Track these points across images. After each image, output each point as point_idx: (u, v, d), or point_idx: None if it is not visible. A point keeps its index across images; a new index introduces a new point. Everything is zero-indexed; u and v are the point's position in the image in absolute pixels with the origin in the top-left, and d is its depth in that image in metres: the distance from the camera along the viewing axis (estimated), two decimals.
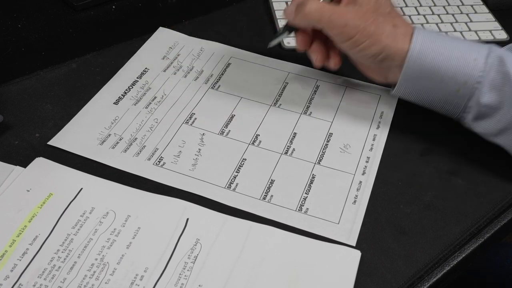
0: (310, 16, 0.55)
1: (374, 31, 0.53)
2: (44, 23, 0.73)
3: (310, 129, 0.60)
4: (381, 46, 0.54)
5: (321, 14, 0.54)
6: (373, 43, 0.54)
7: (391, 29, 0.54)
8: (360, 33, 0.54)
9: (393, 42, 0.53)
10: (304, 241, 0.49)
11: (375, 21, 0.54)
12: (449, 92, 0.54)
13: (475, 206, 0.53)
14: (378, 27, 0.53)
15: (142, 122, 0.59)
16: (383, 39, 0.53)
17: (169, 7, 0.78)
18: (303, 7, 0.55)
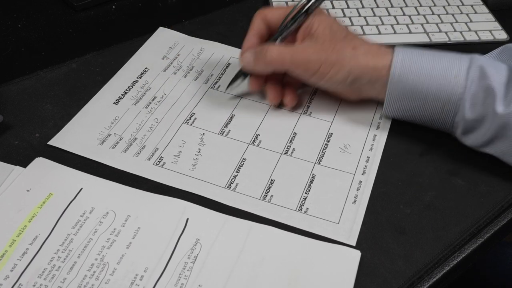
0: (272, 63, 0.56)
1: (337, 58, 0.55)
2: (44, 23, 0.73)
3: (310, 129, 0.60)
4: (346, 70, 0.55)
5: (283, 58, 0.56)
6: (338, 70, 0.55)
7: (351, 52, 0.55)
8: (324, 64, 0.55)
9: (356, 63, 0.55)
10: (304, 241, 0.49)
11: (334, 49, 0.55)
12: (434, 110, 0.55)
13: (475, 206, 0.53)
14: (339, 54, 0.55)
15: (142, 122, 0.59)
16: (346, 63, 0.55)
17: (169, 7, 0.78)
18: (263, 55, 0.56)
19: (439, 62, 0.54)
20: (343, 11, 0.76)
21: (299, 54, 0.55)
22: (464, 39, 0.73)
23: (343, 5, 0.77)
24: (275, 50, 0.56)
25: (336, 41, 0.55)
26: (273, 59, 0.56)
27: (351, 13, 0.76)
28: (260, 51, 0.56)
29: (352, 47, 0.55)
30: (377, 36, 0.72)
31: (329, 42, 0.55)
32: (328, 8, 0.76)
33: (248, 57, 0.58)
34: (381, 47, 0.56)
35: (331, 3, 0.77)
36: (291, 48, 0.56)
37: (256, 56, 0.57)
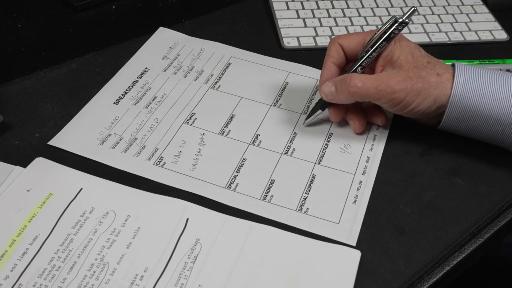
0: (356, 94, 0.54)
1: (422, 87, 0.52)
2: (44, 23, 0.73)
3: (310, 129, 0.60)
4: (431, 99, 0.53)
5: (367, 90, 0.53)
6: (423, 99, 0.53)
7: (436, 79, 0.53)
8: (409, 94, 0.53)
9: (442, 91, 0.53)
10: (304, 241, 0.49)
11: (419, 78, 0.53)
12: (494, 131, 0.53)
13: (475, 206, 0.53)
14: (424, 82, 0.53)
15: (142, 122, 0.59)
16: (432, 91, 0.53)
17: (169, 7, 0.78)
18: (346, 85, 0.54)
19: (502, 83, 0.52)
20: (343, 11, 0.76)
21: (384, 85, 0.53)
22: (464, 39, 0.73)
23: (343, 5, 0.77)
24: (359, 81, 0.53)
25: (420, 68, 0.53)
26: (357, 90, 0.53)
27: (351, 13, 0.76)
28: (342, 82, 0.54)
29: (437, 74, 0.53)
30: None
31: (413, 70, 0.53)
32: (328, 9, 0.76)
33: (329, 88, 0.55)
34: None
35: (331, 3, 0.77)
36: (375, 78, 0.53)
37: (338, 87, 0.55)
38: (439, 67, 0.54)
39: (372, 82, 0.53)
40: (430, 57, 0.55)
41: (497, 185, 0.55)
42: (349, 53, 0.57)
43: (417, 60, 0.54)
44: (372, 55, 0.55)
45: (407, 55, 0.54)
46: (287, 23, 0.73)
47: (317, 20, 0.74)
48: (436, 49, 0.72)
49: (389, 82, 0.53)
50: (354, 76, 0.54)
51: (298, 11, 0.75)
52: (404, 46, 0.55)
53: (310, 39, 0.71)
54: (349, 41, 0.57)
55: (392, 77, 0.53)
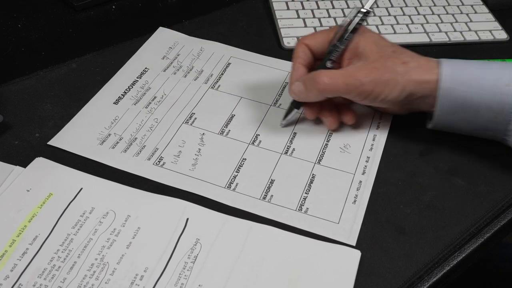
0: (325, 91, 0.54)
1: (389, 77, 0.53)
2: (44, 23, 0.73)
3: (310, 129, 0.60)
4: (400, 88, 0.53)
5: (336, 85, 0.53)
6: (392, 89, 0.53)
7: (403, 67, 0.53)
8: (377, 85, 0.53)
9: (409, 79, 0.53)
10: (304, 241, 0.49)
11: (386, 68, 0.53)
12: (487, 120, 0.53)
13: (475, 206, 0.53)
14: (391, 72, 0.53)
15: (142, 122, 0.59)
16: (400, 80, 0.53)
17: (169, 7, 0.78)
18: (315, 84, 0.54)
19: (488, 71, 0.52)
20: (343, 11, 0.76)
21: (351, 78, 0.53)
22: (464, 39, 0.73)
23: (343, 5, 0.77)
24: (326, 78, 0.53)
25: (385, 58, 0.53)
26: (326, 86, 0.53)
27: (351, 13, 0.75)
28: (310, 79, 0.54)
29: (403, 62, 0.53)
30: None
31: (378, 60, 0.53)
32: (328, 9, 0.76)
33: (298, 87, 0.55)
34: (430, 60, 0.54)
35: (331, 3, 0.77)
36: (342, 73, 0.54)
37: (307, 85, 0.55)
38: (404, 55, 0.54)
39: (340, 77, 0.53)
40: (395, 46, 0.55)
41: (497, 185, 0.55)
42: (316, 52, 0.57)
43: (382, 50, 0.54)
44: (339, 48, 0.55)
45: (371, 46, 0.54)
46: (287, 23, 0.73)
47: (317, 20, 0.74)
48: (436, 49, 0.72)
49: (357, 76, 0.53)
50: (321, 73, 0.54)
51: (298, 11, 0.75)
52: (368, 37, 0.55)
53: None
54: (315, 40, 0.57)
55: (359, 70, 0.53)
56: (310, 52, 0.57)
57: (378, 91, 0.53)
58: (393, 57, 0.54)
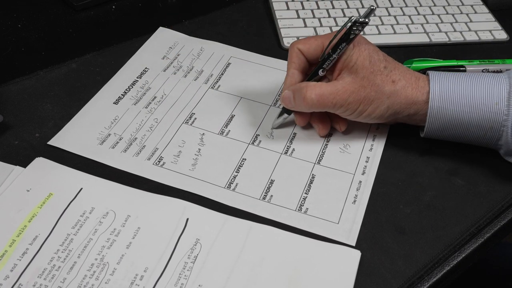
0: (311, 105, 0.54)
1: (375, 96, 0.53)
2: (44, 23, 0.73)
3: (310, 129, 0.60)
4: (384, 107, 0.54)
5: (323, 101, 0.53)
6: (377, 107, 0.54)
7: (391, 87, 0.53)
8: (363, 103, 0.54)
9: (395, 100, 0.53)
10: (304, 241, 0.49)
11: (373, 86, 0.53)
12: (477, 137, 0.54)
13: (475, 206, 0.53)
14: (377, 91, 0.53)
15: (142, 122, 0.59)
16: (385, 100, 0.53)
17: (169, 7, 0.78)
18: (302, 96, 0.54)
19: (478, 88, 0.52)
20: (343, 11, 0.76)
21: (339, 98, 0.53)
22: (464, 39, 0.73)
23: (343, 5, 0.77)
24: (314, 94, 0.53)
25: (375, 74, 0.53)
26: (313, 102, 0.54)
27: (351, 13, 0.76)
28: (299, 92, 0.54)
29: (392, 81, 0.53)
30: (377, 36, 0.72)
31: (368, 77, 0.53)
32: (328, 9, 0.76)
33: (287, 97, 0.55)
34: (419, 77, 0.55)
35: (331, 3, 0.77)
36: (330, 91, 0.53)
37: (295, 97, 0.55)
38: (395, 73, 0.54)
39: (327, 95, 0.53)
40: (388, 61, 0.55)
41: (497, 185, 0.55)
42: (310, 57, 0.57)
43: (374, 65, 0.54)
44: (332, 57, 0.54)
45: (364, 60, 0.54)
46: (287, 23, 0.73)
47: (317, 20, 0.74)
48: (436, 49, 0.72)
49: (344, 95, 0.53)
50: (310, 89, 0.54)
51: (298, 11, 0.75)
52: (363, 50, 0.54)
53: None
54: (308, 46, 0.56)
55: (347, 87, 0.53)
56: (303, 56, 0.57)
57: (363, 109, 0.54)
58: (383, 74, 0.54)
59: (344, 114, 0.55)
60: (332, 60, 0.54)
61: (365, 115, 0.55)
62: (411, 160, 0.57)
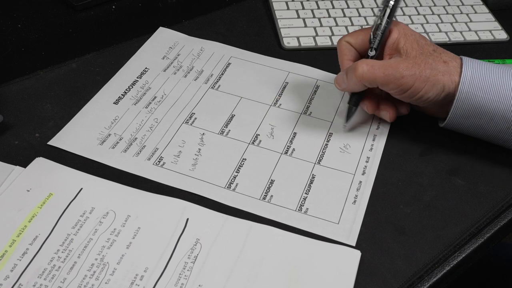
0: (364, 79, 0.54)
1: (430, 73, 0.52)
2: (44, 23, 0.73)
3: (310, 129, 0.60)
4: (440, 85, 0.53)
5: (374, 73, 0.53)
6: (432, 86, 0.53)
7: (444, 66, 0.53)
8: (418, 80, 0.52)
9: (449, 78, 0.53)
10: (304, 241, 0.49)
11: (427, 64, 0.53)
12: (499, 130, 0.53)
13: (475, 206, 0.53)
14: (432, 69, 0.53)
15: (142, 122, 0.59)
16: (440, 78, 0.52)
17: (169, 7, 0.78)
18: (354, 71, 0.54)
19: (507, 82, 0.52)
20: (343, 11, 0.76)
21: (392, 69, 0.53)
22: (464, 39, 0.73)
23: (343, 5, 0.77)
24: (365, 67, 0.53)
25: (426, 56, 0.53)
26: (364, 74, 0.53)
27: (351, 13, 0.76)
28: (351, 68, 0.54)
29: (444, 61, 0.53)
30: None
31: (419, 56, 0.53)
32: (328, 9, 0.76)
33: (340, 76, 0.56)
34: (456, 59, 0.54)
35: (331, 3, 0.77)
36: (382, 64, 0.53)
37: (347, 74, 0.55)
38: (445, 55, 0.54)
39: (380, 67, 0.53)
40: (435, 45, 0.55)
41: (497, 185, 0.55)
42: (358, 49, 0.58)
43: (423, 48, 0.54)
44: (378, 35, 0.55)
45: (412, 43, 0.54)
46: (287, 23, 0.73)
47: (317, 20, 0.74)
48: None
49: (397, 67, 0.53)
50: (361, 61, 0.54)
51: (298, 11, 0.75)
52: (409, 35, 0.55)
53: (310, 39, 0.71)
54: (355, 37, 0.57)
55: (400, 62, 0.53)
56: (353, 48, 0.58)
57: (418, 87, 0.53)
58: (433, 55, 0.54)
59: (397, 91, 0.54)
60: (378, 38, 0.55)
61: (420, 94, 0.53)
62: (411, 160, 0.57)
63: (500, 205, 0.53)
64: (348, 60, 0.57)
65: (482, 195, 0.54)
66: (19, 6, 0.76)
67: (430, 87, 0.53)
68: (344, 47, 0.58)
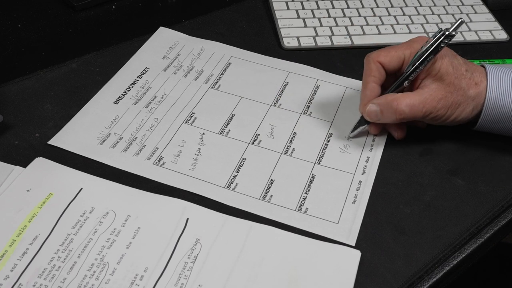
0: (404, 117, 0.54)
1: (462, 99, 0.54)
2: (44, 23, 0.73)
3: (310, 129, 0.60)
4: (470, 109, 0.55)
5: (414, 111, 0.54)
6: (463, 110, 0.54)
7: (475, 90, 0.54)
8: (451, 108, 0.54)
9: (480, 100, 0.54)
10: (304, 241, 0.49)
11: (460, 90, 0.54)
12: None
13: (475, 206, 0.53)
14: (464, 95, 0.54)
15: (142, 121, 0.59)
16: (471, 102, 0.54)
17: (169, 7, 0.78)
18: (394, 109, 0.54)
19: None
20: (343, 11, 0.76)
21: (429, 104, 0.53)
22: (464, 39, 0.73)
23: (343, 5, 0.77)
24: (405, 106, 0.53)
25: (460, 79, 0.54)
26: (405, 114, 0.54)
27: (351, 13, 0.76)
28: (388, 106, 0.54)
29: (475, 83, 0.54)
30: (377, 36, 0.72)
31: (453, 82, 0.54)
32: (328, 9, 0.76)
33: (375, 112, 0.55)
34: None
35: (331, 3, 0.77)
36: (419, 99, 0.54)
37: (384, 111, 0.55)
38: (476, 74, 0.55)
39: (418, 105, 0.54)
40: (467, 64, 0.56)
41: (497, 185, 0.55)
42: (389, 69, 0.57)
43: (457, 70, 0.54)
44: (419, 68, 0.54)
45: (447, 67, 0.54)
46: (287, 23, 0.73)
47: (317, 20, 0.74)
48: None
49: (433, 102, 0.54)
50: (400, 101, 0.54)
51: (298, 11, 0.75)
52: (443, 56, 0.54)
53: (310, 39, 0.71)
54: (389, 58, 0.56)
55: (435, 95, 0.54)
56: (384, 70, 0.56)
57: (450, 113, 0.54)
58: (466, 77, 0.54)
59: (431, 120, 0.55)
60: (418, 72, 0.54)
61: (452, 118, 0.55)
62: (411, 160, 0.57)
63: (500, 205, 0.53)
64: (374, 84, 0.56)
65: (482, 195, 0.54)
66: (19, 6, 0.76)
67: (460, 111, 0.55)
68: (374, 67, 0.56)
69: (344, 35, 0.72)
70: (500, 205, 0.53)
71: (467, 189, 0.54)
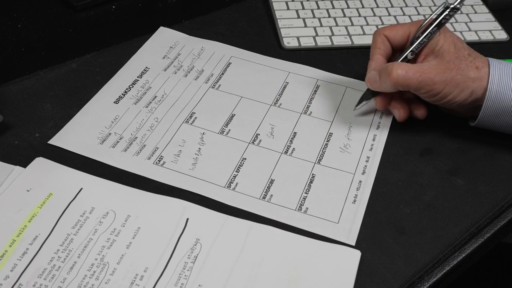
0: (397, 84, 0.54)
1: (461, 79, 0.54)
2: (44, 23, 0.73)
3: (310, 129, 0.60)
4: (469, 91, 0.54)
5: (409, 80, 0.54)
6: (461, 91, 0.54)
7: (475, 73, 0.54)
8: (449, 85, 0.54)
9: (479, 84, 0.54)
10: (304, 240, 0.49)
11: (459, 70, 0.54)
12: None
13: (475, 206, 0.53)
14: (463, 75, 0.54)
15: (142, 121, 0.59)
16: (470, 84, 0.54)
17: (169, 7, 0.78)
18: (389, 75, 0.54)
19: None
20: (343, 11, 0.76)
21: (425, 76, 0.54)
22: (464, 39, 0.73)
23: (343, 5, 0.77)
24: (400, 71, 0.54)
25: (460, 60, 0.54)
26: (399, 79, 0.54)
27: (351, 13, 0.76)
28: (385, 70, 0.55)
29: (476, 67, 0.54)
30: None
31: (453, 60, 0.54)
32: (328, 9, 0.76)
33: (373, 77, 0.57)
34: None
35: (331, 3, 0.77)
36: (417, 69, 0.54)
37: (381, 76, 0.56)
38: (478, 60, 0.55)
39: (414, 73, 0.54)
40: (470, 49, 0.56)
41: (497, 185, 0.55)
42: (395, 44, 0.58)
43: (458, 51, 0.55)
44: (423, 41, 0.55)
45: (449, 46, 0.55)
46: (287, 23, 0.73)
47: (317, 20, 0.74)
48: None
49: (430, 74, 0.54)
50: (397, 66, 0.55)
51: (298, 11, 0.75)
52: (448, 36, 0.55)
53: (310, 39, 0.71)
54: (395, 32, 0.58)
55: (433, 68, 0.54)
56: (389, 43, 0.58)
57: (447, 91, 0.54)
58: (467, 60, 0.54)
59: (426, 95, 0.55)
60: (422, 44, 0.55)
61: (448, 98, 0.54)
62: (411, 160, 0.57)
63: (500, 205, 0.53)
64: (379, 55, 0.58)
65: (482, 195, 0.54)
66: (19, 6, 0.76)
67: (458, 92, 0.54)
68: (380, 40, 0.58)
69: (344, 35, 0.72)
70: (500, 205, 0.53)
71: (467, 189, 0.54)
